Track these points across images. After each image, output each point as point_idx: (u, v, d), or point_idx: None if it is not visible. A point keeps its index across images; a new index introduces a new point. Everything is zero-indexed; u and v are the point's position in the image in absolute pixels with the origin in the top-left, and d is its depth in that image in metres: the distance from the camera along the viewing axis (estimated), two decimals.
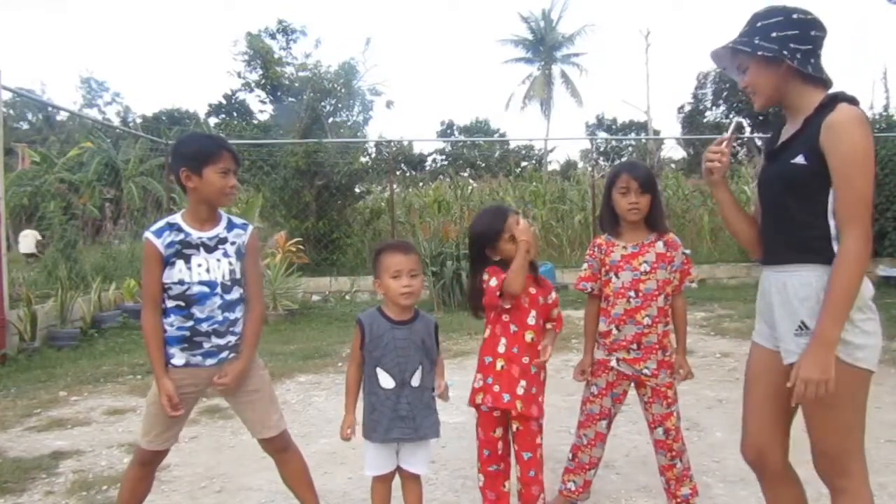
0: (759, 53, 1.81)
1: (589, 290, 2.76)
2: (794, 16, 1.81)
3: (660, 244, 2.62)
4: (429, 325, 2.37)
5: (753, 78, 1.87)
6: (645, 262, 2.60)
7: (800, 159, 1.77)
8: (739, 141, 19.13)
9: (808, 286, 1.78)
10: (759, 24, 1.83)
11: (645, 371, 2.60)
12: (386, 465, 2.34)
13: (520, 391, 2.41)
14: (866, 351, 1.74)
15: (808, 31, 1.81)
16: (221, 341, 2.31)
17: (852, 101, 1.77)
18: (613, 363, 2.65)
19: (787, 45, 1.79)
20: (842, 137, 1.70)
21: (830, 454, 1.82)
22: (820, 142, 1.74)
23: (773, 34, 1.80)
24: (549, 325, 2.54)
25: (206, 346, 2.30)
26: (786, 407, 1.91)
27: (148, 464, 2.39)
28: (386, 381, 2.27)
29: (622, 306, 2.62)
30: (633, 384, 2.70)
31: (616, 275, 2.64)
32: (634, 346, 2.60)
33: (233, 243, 2.36)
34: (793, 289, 1.79)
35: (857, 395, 1.77)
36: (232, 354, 2.35)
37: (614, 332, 2.63)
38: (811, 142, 1.76)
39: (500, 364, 2.44)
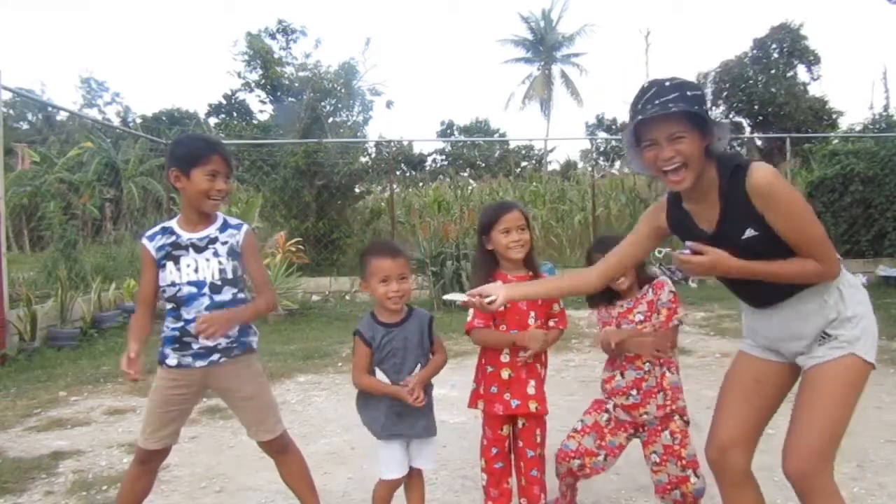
0: (714, 119, 1.76)
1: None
2: (700, 91, 1.77)
3: (649, 292, 2.62)
4: (423, 322, 2.37)
5: (690, 148, 1.72)
6: (639, 312, 2.62)
7: (749, 232, 1.76)
8: (739, 141, 19.09)
9: (812, 303, 1.84)
10: (689, 94, 1.71)
11: (645, 416, 2.57)
12: (401, 468, 2.35)
13: (531, 391, 2.43)
14: (874, 346, 1.82)
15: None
16: (210, 343, 2.30)
17: (750, 161, 1.77)
18: (610, 407, 2.63)
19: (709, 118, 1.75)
20: (776, 198, 1.71)
21: (821, 450, 1.82)
22: (756, 209, 1.73)
23: (703, 106, 1.73)
24: (551, 322, 2.54)
25: (195, 346, 2.31)
26: (763, 413, 1.96)
27: (145, 462, 2.39)
28: (383, 380, 2.31)
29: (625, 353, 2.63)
30: (636, 438, 2.63)
31: (618, 327, 2.65)
32: (634, 392, 2.59)
33: (224, 243, 2.34)
34: (802, 313, 1.84)
35: (862, 390, 1.83)
36: (223, 358, 2.34)
37: (618, 377, 2.61)
38: (749, 213, 1.75)
39: (505, 373, 2.45)
